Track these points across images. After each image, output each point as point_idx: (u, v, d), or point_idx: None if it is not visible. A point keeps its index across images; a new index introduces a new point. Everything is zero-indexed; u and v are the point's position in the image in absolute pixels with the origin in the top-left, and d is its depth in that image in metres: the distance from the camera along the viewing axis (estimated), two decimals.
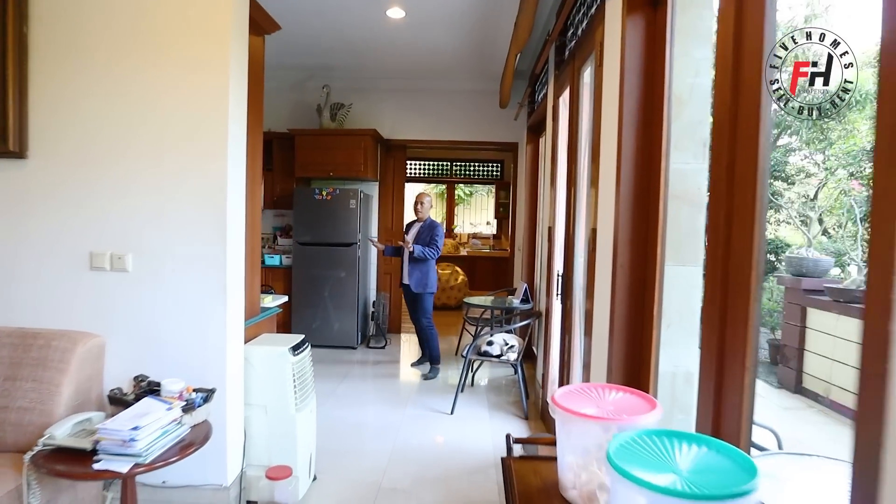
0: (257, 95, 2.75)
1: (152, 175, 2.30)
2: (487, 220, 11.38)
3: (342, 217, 5.67)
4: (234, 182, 2.33)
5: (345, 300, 5.70)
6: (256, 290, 2.79)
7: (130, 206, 2.31)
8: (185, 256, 2.29)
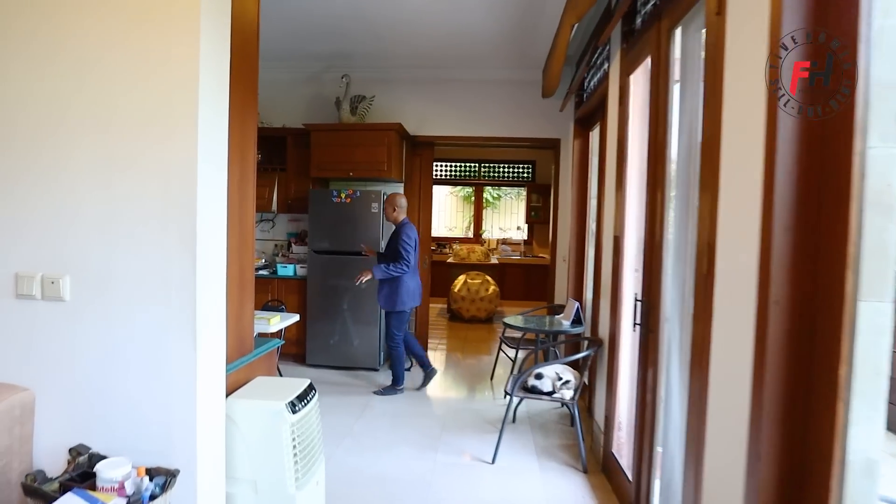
0: (247, 70, 2.12)
1: (96, 167, 1.67)
2: (518, 224, 10.66)
3: (363, 222, 5.04)
4: (208, 180, 1.69)
5: (366, 315, 5.07)
6: (247, 318, 2.15)
7: (69, 210, 1.69)
8: (142, 280, 1.65)
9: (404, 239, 4.33)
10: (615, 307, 2.99)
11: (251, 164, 2.13)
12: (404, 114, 5.51)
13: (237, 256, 1.98)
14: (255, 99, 2.26)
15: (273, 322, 3.52)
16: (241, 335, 2.09)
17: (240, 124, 1.98)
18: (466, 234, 10.74)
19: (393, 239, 4.50)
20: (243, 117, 2.04)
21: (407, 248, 4.30)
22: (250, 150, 2.13)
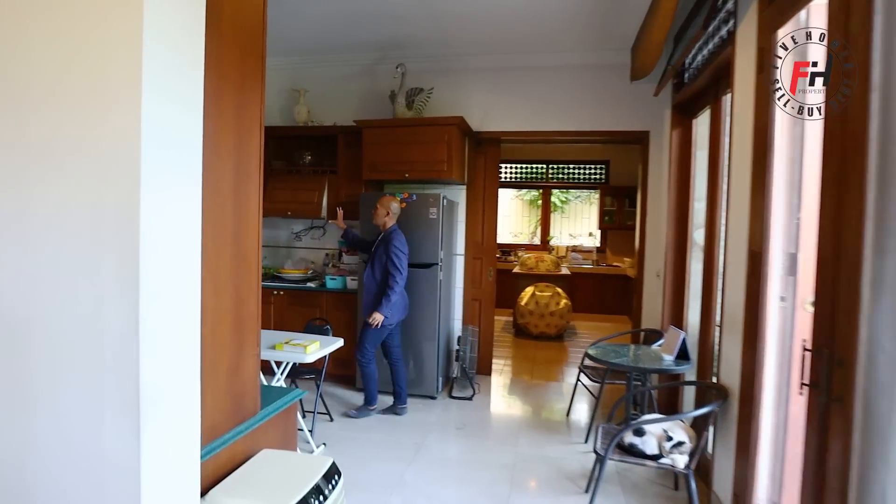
0: (246, 42, 1.52)
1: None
2: (590, 230, 9.77)
3: (420, 229, 4.44)
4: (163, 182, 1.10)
5: (422, 335, 4.46)
6: (248, 369, 1.56)
7: None
8: (62, 331, 1.09)
9: (398, 247, 3.91)
10: (751, 348, 2.20)
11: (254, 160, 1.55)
12: (466, 108, 4.88)
13: (232, 284, 1.41)
14: (258, 78, 1.67)
15: (311, 350, 2.96)
16: (239, 393, 1.51)
17: (235, 108, 1.40)
18: (532, 241, 9.97)
19: (380, 248, 3.99)
20: (241, 100, 1.46)
21: (401, 258, 3.91)
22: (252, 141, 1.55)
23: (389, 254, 3.90)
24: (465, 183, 5.06)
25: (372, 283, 4.04)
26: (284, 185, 5.11)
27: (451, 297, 4.94)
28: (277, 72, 5.47)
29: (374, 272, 4.03)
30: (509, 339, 6.96)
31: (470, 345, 4.68)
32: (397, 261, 3.89)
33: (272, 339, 3.23)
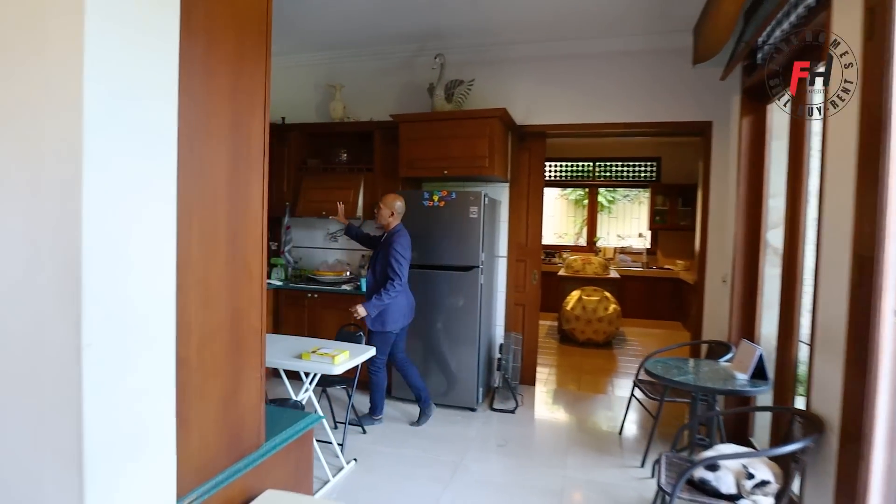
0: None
1: None
2: (639, 231, 9.26)
3: (459, 230, 4.16)
4: (113, 134, 0.86)
5: (462, 342, 4.18)
6: (249, 395, 1.32)
7: None
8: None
9: (398, 251, 3.68)
10: (859, 372, 1.81)
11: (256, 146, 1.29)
12: (510, 100, 4.57)
13: (227, 294, 1.17)
14: (261, 48, 1.43)
15: (339, 361, 2.73)
16: (236, 424, 1.26)
17: (230, 78, 1.15)
18: (577, 242, 9.53)
19: (383, 249, 3.77)
20: (238, 69, 1.22)
21: (401, 262, 3.69)
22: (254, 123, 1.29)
23: (389, 257, 3.68)
24: (507, 180, 4.75)
25: (372, 284, 3.85)
26: (319, 183, 4.93)
27: (492, 301, 4.64)
28: (312, 67, 5.31)
29: (375, 273, 3.83)
30: (554, 346, 6.59)
31: (512, 353, 4.36)
32: (397, 265, 3.66)
33: (299, 346, 3.02)
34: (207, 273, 1.09)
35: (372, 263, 3.89)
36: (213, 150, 1.09)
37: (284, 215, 5.03)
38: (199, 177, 1.03)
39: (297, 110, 5.27)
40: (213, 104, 1.07)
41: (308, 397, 3.13)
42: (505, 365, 4.32)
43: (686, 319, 7.60)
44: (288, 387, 3.02)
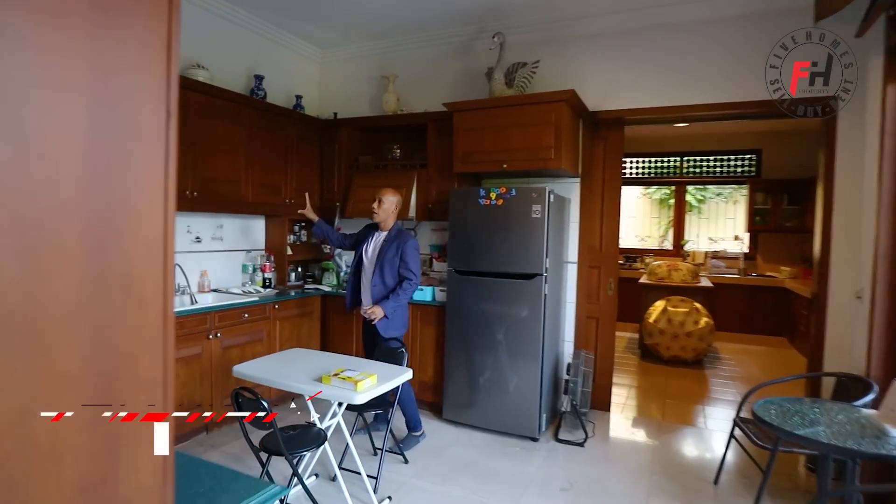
0: None
1: None
2: (735, 233, 8.21)
3: (520, 232, 3.62)
4: None
5: (522, 361, 3.63)
6: (142, 478, 0.86)
7: None
8: None
9: (413, 253, 3.46)
10: None
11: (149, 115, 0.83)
12: (580, 83, 3.96)
13: (86, 333, 0.74)
14: None
15: (363, 387, 2.29)
16: None
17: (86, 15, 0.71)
18: (662, 246, 8.62)
19: (389, 249, 3.46)
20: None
21: (417, 263, 3.47)
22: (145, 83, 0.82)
23: (406, 257, 3.41)
24: (578, 175, 4.14)
25: (382, 287, 3.47)
26: (370, 182, 4.56)
27: (559, 314, 4.05)
28: (364, 59, 4.97)
29: (385, 278, 3.46)
30: (634, 363, 5.85)
31: (582, 375, 3.75)
32: (413, 265, 3.43)
33: (324, 366, 2.62)
34: (35, 299, 0.68)
35: (379, 269, 3.48)
36: (41, 110, 0.67)
37: (335, 216, 4.72)
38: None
39: (350, 105, 4.95)
40: (41, 44, 0.65)
41: (336, 423, 2.72)
42: (573, 388, 3.72)
43: (794, 336, 6.56)
44: (311, 409, 2.63)
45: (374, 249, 3.53)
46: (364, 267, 3.56)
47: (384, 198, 3.49)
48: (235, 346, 3.67)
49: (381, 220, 3.53)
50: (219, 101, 3.75)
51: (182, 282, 3.79)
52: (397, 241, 3.46)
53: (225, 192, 3.87)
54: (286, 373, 2.55)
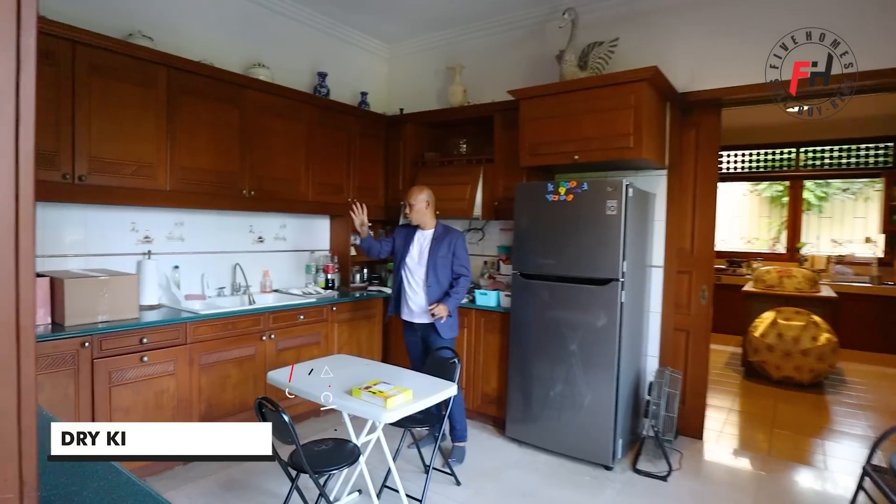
0: None
1: None
2: (867, 235, 7.05)
3: (591, 231, 3.21)
4: None
5: (594, 375, 3.20)
6: None
7: None
8: None
9: (466, 248, 3.33)
10: None
11: None
12: (667, 62, 3.45)
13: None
14: None
15: (393, 404, 2.02)
16: None
17: None
18: (773, 249, 7.62)
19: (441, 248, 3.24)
20: None
21: (467, 262, 3.32)
22: None
23: (459, 253, 3.26)
24: (664, 166, 3.63)
25: (437, 292, 3.24)
26: (434, 179, 4.32)
27: (641, 325, 3.56)
28: (430, 51, 4.75)
29: (440, 277, 3.24)
30: (735, 382, 5.12)
31: (666, 397, 3.24)
32: (467, 261, 3.30)
33: (363, 375, 2.38)
34: None
35: (432, 268, 3.24)
36: None
37: (400, 215, 4.53)
38: None
39: (417, 100, 4.75)
40: None
41: (375, 439, 2.48)
42: (654, 411, 3.22)
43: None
44: (347, 424, 2.41)
45: (420, 250, 3.30)
46: (409, 269, 3.32)
47: (412, 201, 3.28)
48: (290, 349, 3.57)
49: (418, 222, 3.31)
50: (277, 99, 3.68)
51: (241, 281, 3.76)
52: (448, 237, 3.26)
53: (284, 190, 3.79)
54: (317, 382, 2.34)
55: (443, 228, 3.32)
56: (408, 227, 3.41)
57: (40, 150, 2.61)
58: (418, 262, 3.28)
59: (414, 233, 3.35)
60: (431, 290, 3.23)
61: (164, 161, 3.09)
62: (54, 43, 2.62)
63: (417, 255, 3.29)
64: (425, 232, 3.32)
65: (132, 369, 2.75)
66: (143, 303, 3.20)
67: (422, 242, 3.30)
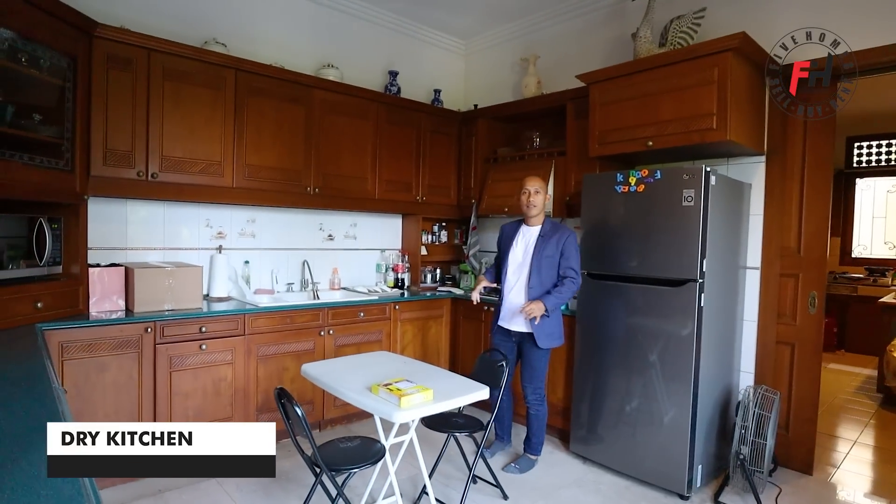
0: None
1: None
2: None
3: (664, 225, 2.84)
4: None
5: (667, 390, 2.81)
6: None
7: None
8: None
9: (576, 247, 2.97)
10: None
11: None
12: (767, 29, 2.98)
13: None
14: None
15: (408, 403, 1.89)
16: None
17: None
18: None
19: (548, 246, 2.95)
20: None
21: (579, 260, 2.98)
22: None
23: (568, 252, 2.93)
24: (762, 152, 3.13)
25: (540, 295, 2.92)
26: (505, 175, 4.15)
27: (732, 335, 3.09)
28: (505, 44, 4.60)
29: (543, 278, 2.94)
30: (868, 410, 4.30)
31: (756, 419, 2.75)
32: (576, 262, 2.95)
33: (395, 373, 2.27)
34: None
35: (535, 269, 2.97)
36: None
37: (472, 214, 4.39)
38: None
39: (493, 95, 4.60)
40: None
41: (408, 441, 2.35)
42: (743, 436, 2.75)
43: None
44: (377, 423, 2.31)
45: (525, 248, 3.02)
46: (511, 271, 3.07)
47: (536, 187, 3.01)
48: (350, 345, 3.57)
49: (536, 214, 3.04)
50: (344, 98, 3.73)
51: (306, 277, 3.84)
52: (556, 234, 2.95)
53: (349, 188, 3.82)
54: (347, 378, 2.27)
55: (551, 225, 3.03)
56: (510, 224, 3.18)
57: (117, 149, 2.84)
58: (522, 261, 3.04)
59: (518, 229, 3.11)
60: (533, 291, 2.96)
61: (230, 159, 3.23)
62: (132, 51, 2.84)
63: (522, 253, 3.05)
64: (532, 228, 3.05)
65: (192, 356, 2.89)
66: (214, 295, 3.37)
67: (527, 240, 3.04)
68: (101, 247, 3.07)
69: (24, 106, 2.38)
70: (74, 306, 2.68)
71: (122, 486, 2.68)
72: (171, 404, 2.83)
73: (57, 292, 2.58)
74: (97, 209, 2.99)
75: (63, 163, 2.56)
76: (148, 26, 3.06)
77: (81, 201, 2.68)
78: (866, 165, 6.48)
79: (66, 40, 2.53)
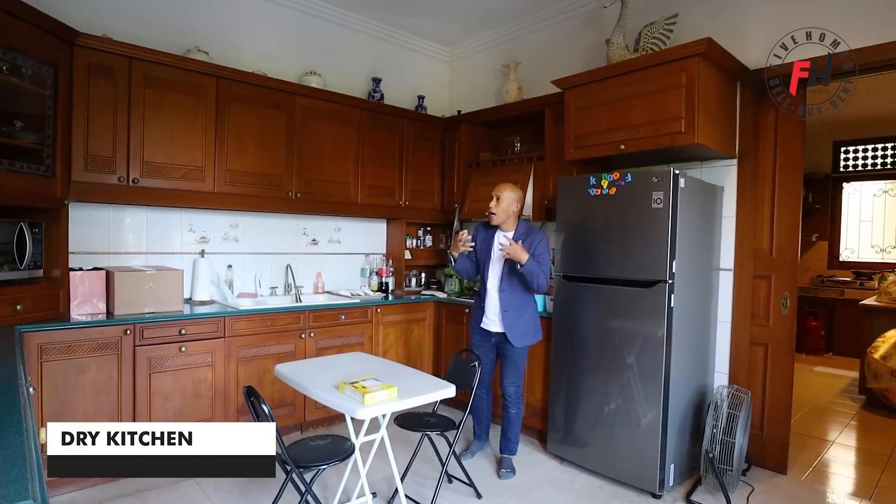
0: None
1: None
2: None
3: (634, 227, 2.89)
4: None
5: (639, 390, 2.85)
6: None
7: None
8: None
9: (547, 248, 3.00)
10: None
11: None
12: (740, 34, 3.06)
13: None
14: None
15: (371, 400, 1.94)
16: None
17: None
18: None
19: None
20: None
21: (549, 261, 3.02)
22: None
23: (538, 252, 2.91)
24: (734, 155, 3.19)
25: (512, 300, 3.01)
26: (486, 179, 4.20)
27: (706, 336, 3.13)
28: (488, 51, 4.68)
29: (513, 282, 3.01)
30: (850, 411, 4.33)
31: (725, 419, 2.78)
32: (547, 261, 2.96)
33: (366, 372, 2.31)
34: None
35: (504, 268, 3.02)
36: None
37: (454, 219, 4.44)
38: None
39: (476, 101, 4.66)
40: None
41: (379, 440, 2.39)
42: (714, 435, 2.78)
43: None
44: (348, 422, 2.35)
45: (499, 252, 3.01)
46: (487, 273, 3.09)
47: (502, 195, 3.01)
48: (331, 348, 3.61)
49: (500, 222, 3.03)
50: (325, 104, 3.79)
51: (290, 281, 3.89)
52: (529, 238, 2.95)
53: (332, 193, 3.88)
54: (317, 377, 2.31)
55: (526, 228, 3.04)
56: (488, 226, 3.16)
57: (98, 155, 2.90)
58: (493, 265, 3.07)
59: (494, 234, 3.11)
60: (503, 295, 3.00)
61: (211, 164, 3.29)
62: (113, 59, 2.91)
63: (495, 255, 3.07)
64: (507, 234, 3.05)
65: (171, 358, 2.93)
66: (197, 298, 3.42)
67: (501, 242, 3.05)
68: (84, 251, 3.12)
69: (5, 113, 2.44)
70: (55, 309, 2.73)
71: (102, 486, 2.72)
72: (151, 405, 2.88)
73: (37, 295, 2.63)
74: (81, 214, 3.05)
75: (44, 168, 2.62)
76: (133, 35, 3.13)
77: (62, 206, 2.74)
78: (853, 170, 6.53)
79: (47, 49, 2.60)
